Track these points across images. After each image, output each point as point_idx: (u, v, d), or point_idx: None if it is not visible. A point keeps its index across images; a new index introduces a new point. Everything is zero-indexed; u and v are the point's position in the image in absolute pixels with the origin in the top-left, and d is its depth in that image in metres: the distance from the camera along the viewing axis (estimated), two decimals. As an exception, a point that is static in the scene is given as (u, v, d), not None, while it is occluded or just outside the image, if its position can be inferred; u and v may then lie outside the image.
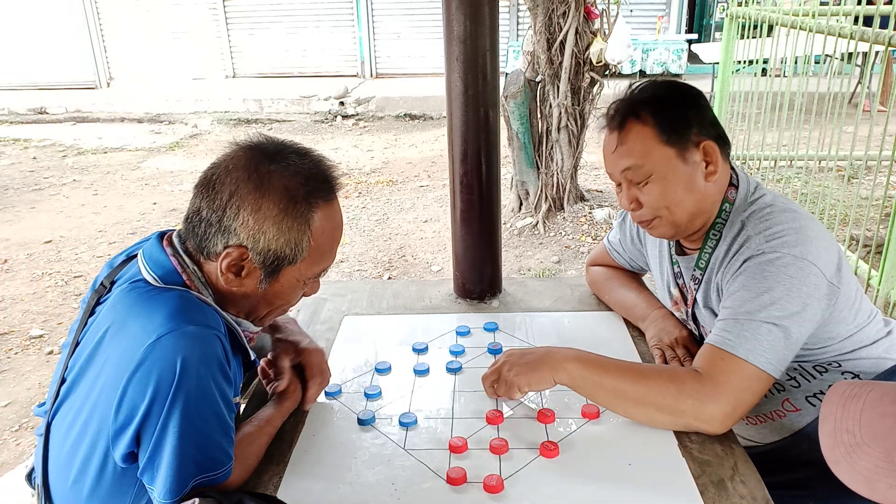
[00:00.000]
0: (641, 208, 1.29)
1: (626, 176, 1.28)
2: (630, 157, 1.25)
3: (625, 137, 1.26)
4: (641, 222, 1.33)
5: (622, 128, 1.26)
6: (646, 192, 1.27)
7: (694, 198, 1.26)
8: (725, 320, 1.17)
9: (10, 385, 2.93)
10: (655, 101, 1.26)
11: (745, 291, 1.16)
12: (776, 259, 1.15)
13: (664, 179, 1.25)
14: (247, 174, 1.02)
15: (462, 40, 1.63)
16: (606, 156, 1.31)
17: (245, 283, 1.07)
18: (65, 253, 4.39)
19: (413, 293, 1.87)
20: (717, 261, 1.29)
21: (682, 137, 1.24)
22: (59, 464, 1.06)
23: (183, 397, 0.95)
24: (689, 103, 1.27)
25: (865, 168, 4.23)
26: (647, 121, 1.24)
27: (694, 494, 1.07)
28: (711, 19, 9.45)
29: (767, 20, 4.29)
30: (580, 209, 4.45)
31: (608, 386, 1.19)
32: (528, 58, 4.25)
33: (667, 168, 1.24)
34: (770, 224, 1.21)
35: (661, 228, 1.31)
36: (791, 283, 1.14)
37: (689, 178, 1.25)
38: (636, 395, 1.17)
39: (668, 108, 1.25)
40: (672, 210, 1.27)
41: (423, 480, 1.13)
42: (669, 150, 1.24)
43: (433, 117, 8.13)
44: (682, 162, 1.24)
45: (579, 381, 1.21)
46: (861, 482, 0.79)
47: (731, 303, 1.19)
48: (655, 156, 1.24)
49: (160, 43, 9.91)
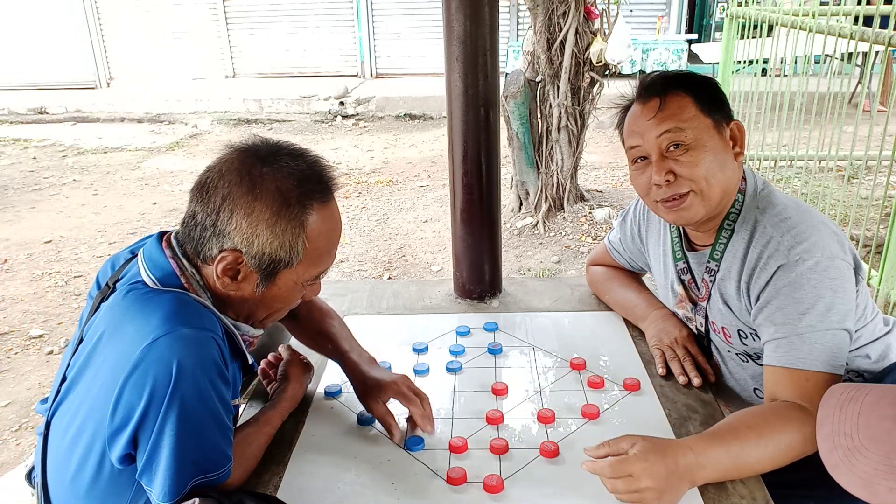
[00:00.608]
0: (675, 181, 1.24)
1: (663, 141, 1.24)
2: (672, 120, 1.24)
3: (667, 103, 1.25)
4: (671, 200, 1.26)
5: (664, 94, 1.26)
6: (684, 162, 1.23)
7: (725, 175, 1.26)
8: (788, 338, 1.15)
9: (10, 385, 2.93)
10: (690, 77, 1.29)
11: (798, 304, 1.15)
12: (815, 265, 1.15)
13: (704, 148, 1.23)
14: (239, 177, 1.02)
15: (462, 40, 1.63)
16: (640, 124, 1.27)
17: (242, 287, 1.06)
18: (65, 253, 4.39)
19: (413, 293, 1.87)
20: (735, 258, 1.28)
21: (718, 111, 1.26)
22: (57, 463, 1.06)
23: (179, 399, 0.95)
24: (719, 87, 1.31)
25: (865, 168, 4.23)
26: (687, 92, 1.26)
27: (694, 494, 1.07)
28: (711, 19, 9.44)
29: (767, 20, 4.29)
30: (580, 209, 4.45)
31: (749, 464, 1.08)
32: (528, 58, 4.24)
33: (707, 137, 1.24)
34: (791, 224, 1.21)
35: (692, 208, 1.25)
36: (835, 284, 1.15)
37: (723, 152, 1.26)
38: (773, 456, 1.08)
39: (703, 86, 1.28)
40: (709, 183, 1.23)
41: (423, 480, 1.13)
42: (708, 120, 1.25)
43: (433, 117, 8.13)
44: (719, 135, 1.26)
45: (717, 476, 1.09)
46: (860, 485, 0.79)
47: (783, 318, 1.16)
48: (697, 123, 1.24)
49: (160, 43, 9.90)
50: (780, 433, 1.09)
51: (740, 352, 1.36)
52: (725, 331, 1.35)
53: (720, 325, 1.36)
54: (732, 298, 1.30)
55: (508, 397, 1.35)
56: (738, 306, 1.30)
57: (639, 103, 1.30)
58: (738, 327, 1.32)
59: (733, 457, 1.07)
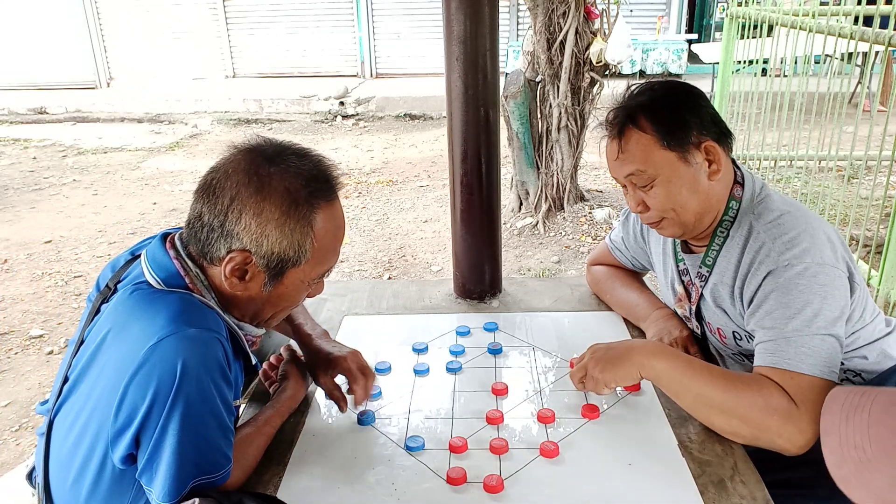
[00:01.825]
0: (648, 211, 1.30)
1: (630, 181, 1.29)
2: (632, 163, 1.26)
3: (625, 145, 1.26)
4: (650, 224, 1.34)
5: (621, 135, 1.27)
6: (651, 196, 1.28)
7: (699, 198, 1.26)
8: (775, 341, 1.15)
9: (10, 385, 2.93)
10: (652, 105, 1.26)
11: (785, 309, 1.15)
12: (804, 270, 1.15)
13: (668, 183, 1.25)
14: (247, 178, 1.02)
15: (462, 40, 1.63)
16: (609, 162, 1.32)
17: (249, 287, 1.07)
18: (65, 253, 4.39)
19: (413, 293, 1.87)
20: (729, 263, 1.29)
21: (682, 140, 1.24)
22: (60, 463, 1.06)
23: (183, 400, 0.95)
24: (687, 105, 1.27)
25: (865, 168, 4.23)
26: (645, 127, 1.24)
27: (694, 494, 1.07)
28: (711, 19, 9.45)
29: (767, 20, 4.29)
30: (580, 209, 4.45)
31: (695, 389, 1.17)
32: (528, 58, 4.24)
33: (670, 172, 1.24)
34: (784, 230, 1.21)
35: (669, 229, 1.33)
36: (825, 290, 1.14)
37: (692, 179, 1.25)
38: (723, 403, 1.14)
39: (666, 113, 1.25)
40: (678, 212, 1.27)
41: (423, 480, 1.13)
42: (670, 154, 1.24)
43: (433, 117, 8.13)
44: (685, 164, 1.24)
45: (665, 379, 1.20)
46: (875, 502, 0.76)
47: (771, 322, 1.17)
48: (657, 161, 1.24)
49: (160, 43, 9.91)
50: (744, 389, 1.13)
51: (736, 352, 1.37)
52: (721, 332, 1.36)
53: (715, 327, 1.37)
54: (726, 302, 1.31)
55: (508, 397, 1.35)
56: (732, 310, 1.30)
57: (607, 137, 1.32)
58: (732, 329, 1.33)
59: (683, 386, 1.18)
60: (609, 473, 1.12)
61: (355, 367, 1.31)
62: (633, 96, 1.29)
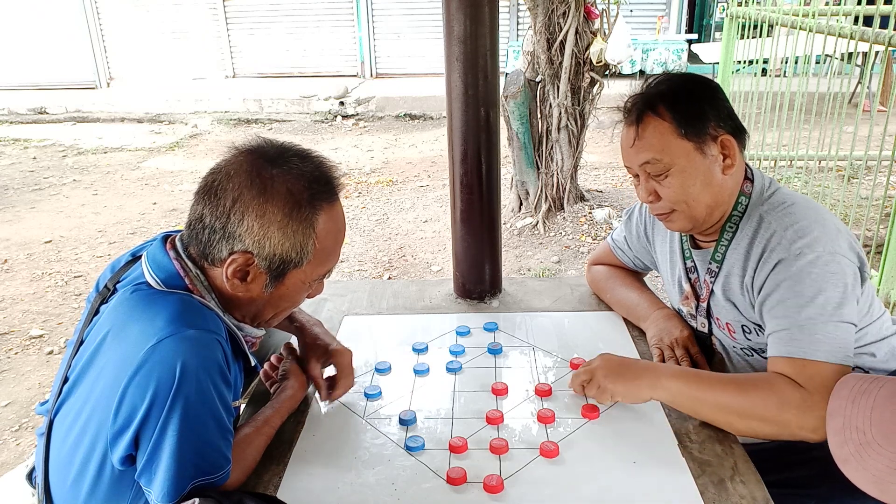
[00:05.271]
0: (660, 201, 1.29)
1: (644, 169, 1.28)
2: (648, 151, 1.25)
3: (642, 132, 1.26)
4: (659, 215, 1.33)
5: (640, 122, 1.26)
6: (664, 186, 1.27)
7: (712, 191, 1.26)
8: (789, 329, 1.15)
9: (10, 385, 2.93)
10: (672, 94, 1.26)
11: (798, 297, 1.15)
12: (816, 259, 1.15)
13: (683, 173, 1.24)
14: (249, 179, 1.02)
15: (462, 40, 1.62)
16: (624, 149, 1.31)
17: (251, 288, 1.07)
18: (65, 253, 4.39)
19: (413, 293, 1.87)
20: (738, 255, 1.28)
21: (699, 131, 1.24)
22: (60, 464, 1.06)
23: (182, 401, 0.95)
24: (706, 96, 1.27)
25: (865, 168, 4.23)
26: (664, 115, 1.24)
27: (694, 494, 1.07)
28: (711, 19, 9.44)
29: (767, 20, 4.29)
30: (580, 209, 4.44)
31: (710, 400, 1.18)
32: (528, 58, 4.24)
33: (685, 162, 1.24)
34: (794, 219, 1.21)
35: (678, 222, 1.32)
36: (836, 279, 1.15)
37: (707, 171, 1.25)
38: (740, 407, 1.15)
39: (685, 102, 1.25)
40: (690, 204, 1.27)
41: (423, 480, 1.13)
42: (688, 144, 1.24)
43: (433, 117, 8.13)
44: (700, 155, 1.24)
45: (679, 398, 1.21)
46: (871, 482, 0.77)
47: (784, 311, 1.17)
48: (674, 150, 1.24)
49: (160, 43, 9.91)
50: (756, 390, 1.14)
51: (745, 346, 1.36)
52: (730, 326, 1.36)
53: (724, 321, 1.36)
54: (736, 294, 1.30)
55: (508, 397, 1.35)
56: (742, 302, 1.30)
57: (624, 124, 1.31)
58: (741, 323, 1.32)
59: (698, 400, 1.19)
60: (609, 474, 1.12)
61: (349, 366, 1.35)
62: (653, 85, 1.29)
